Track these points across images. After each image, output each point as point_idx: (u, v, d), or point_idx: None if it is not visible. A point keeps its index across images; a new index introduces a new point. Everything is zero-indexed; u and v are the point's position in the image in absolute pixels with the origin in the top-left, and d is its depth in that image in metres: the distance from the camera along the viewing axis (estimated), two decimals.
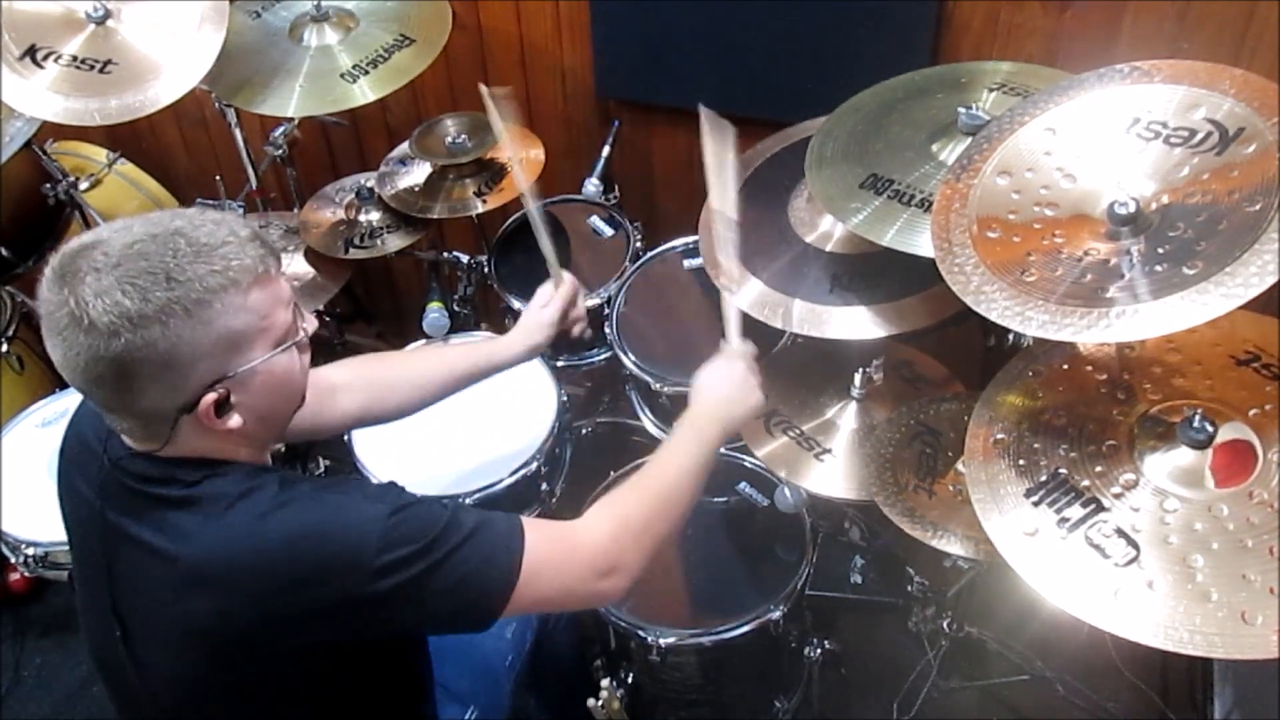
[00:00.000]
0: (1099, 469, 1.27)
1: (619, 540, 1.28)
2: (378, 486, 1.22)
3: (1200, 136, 1.28)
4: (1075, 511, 1.24)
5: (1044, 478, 1.29)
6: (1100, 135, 1.36)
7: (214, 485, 1.14)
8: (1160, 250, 1.23)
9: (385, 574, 1.11)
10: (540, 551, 1.21)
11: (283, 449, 2.21)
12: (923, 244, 1.48)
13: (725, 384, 1.49)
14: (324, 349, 2.56)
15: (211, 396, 1.10)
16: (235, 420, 1.13)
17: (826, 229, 1.76)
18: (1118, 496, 1.24)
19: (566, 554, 1.26)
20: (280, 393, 1.19)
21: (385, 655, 1.28)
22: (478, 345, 1.84)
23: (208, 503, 1.13)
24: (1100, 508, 1.23)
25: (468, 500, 1.87)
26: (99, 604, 1.22)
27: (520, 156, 2.16)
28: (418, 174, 2.31)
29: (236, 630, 1.13)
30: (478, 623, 1.20)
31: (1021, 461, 1.31)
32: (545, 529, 1.27)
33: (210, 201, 2.40)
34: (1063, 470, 1.28)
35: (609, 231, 2.27)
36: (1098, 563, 1.18)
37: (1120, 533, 1.20)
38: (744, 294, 1.72)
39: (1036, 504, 1.26)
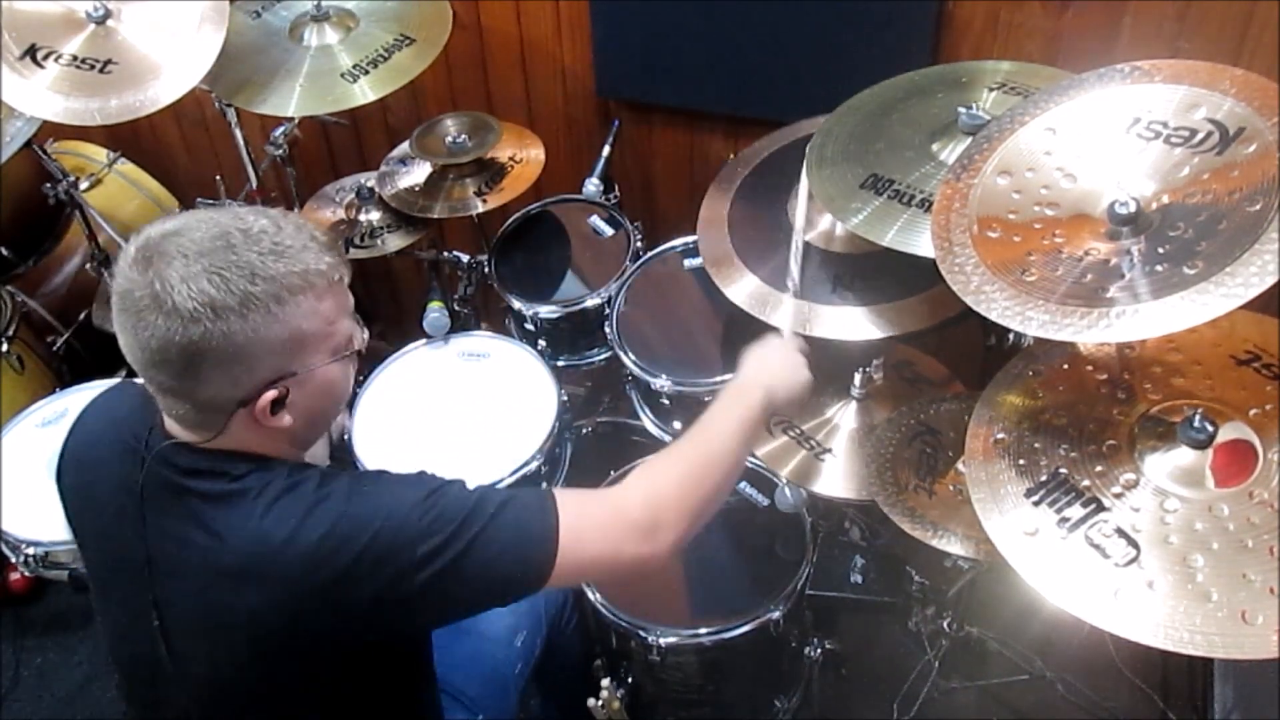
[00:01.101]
0: (1099, 469, 1.27)
1: (658, 499, 1.26)
2: (409, 475, 1.24)
3: (1200, 136, 1.28)
4: (1075, 511, 1.24)
5: (1044, 477, 1.28)
6: (1101, 135, 1.36)
7: (258, 479, 1.16)
8: (1160, 250, 1.23)
9: (425, 563, 1.13)
10: (578, 516, 1.21)
11: None
12: (923, 244, 1.48)
13: (774, 356, 1.50)
14: None
15: (271, 394, 1.13)
16: (287, 419, 1.16)
17: (826, 229, 1.75)
18: (1118, 496, 1.24)
19: (607, 516, 1.25)
20: (330, 398, 1.23)
21: (391, 662, 1.29)
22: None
23: (252, 497, 1.15)
24: (1100, 507, 1.23)
25: None
26: (136, 599, 1.23)
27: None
28: (418, 174, 2.31)
29: (279, 624, 1.15)
30: (525, 592, 1.21)
31: (1022, 461, 1.31)
32: (581, 495, 1.26)
33: (210, 201, 2.40)
34: (1063, 470, 1.28)
35: (609, 231, 2.27)
36: (1098, 562, 1.18)
37: (1120, 532, 1.20)
38: (741, 291, 1.72)
39: (1037, 504, 1.26)
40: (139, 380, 1.24)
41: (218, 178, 2.46)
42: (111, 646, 1.35)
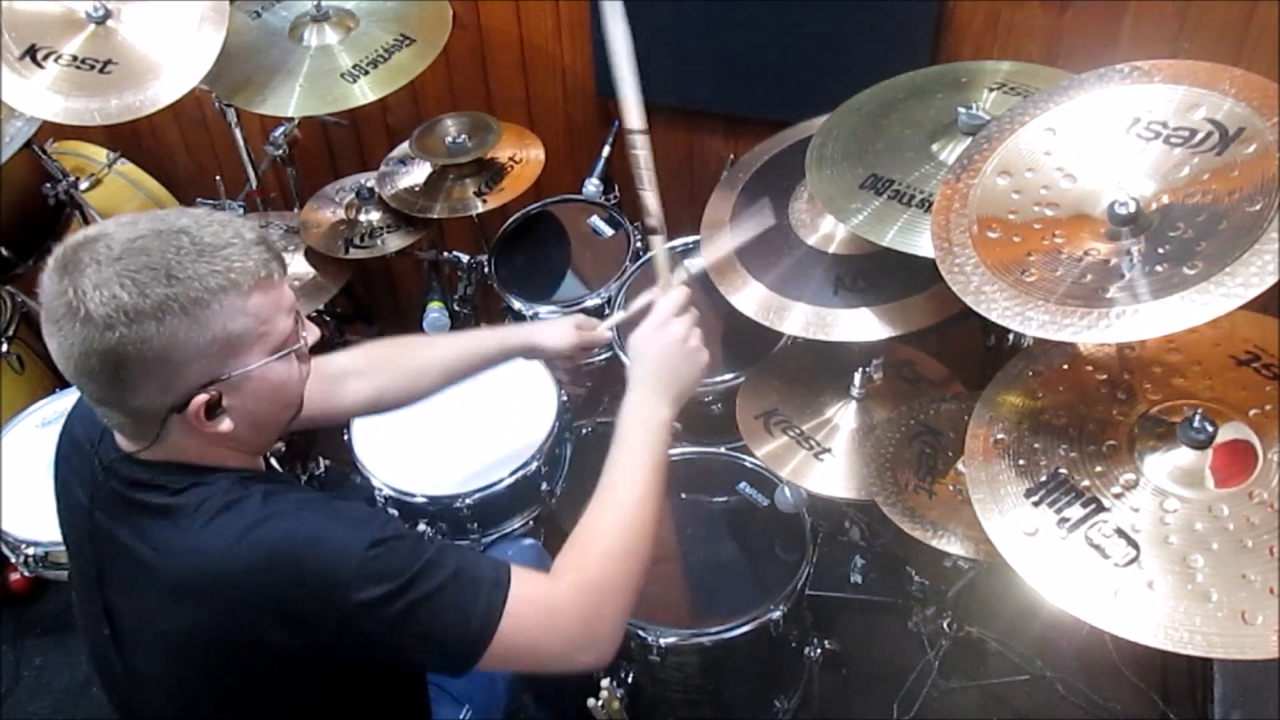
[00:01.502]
0: (1099, 469, 1.27)
1: (599, 610, 1.19)
2: (363, 512, 1.18)
3: (1200, 136, 1.28)
4: (1075, 511, 1.24)
5: (1044, 478, 1.29)
6: (1100, 135, 1.36)
7: (198, 494, 1.13)
8: (1160, 250, 1.23)
9: (358, 610, 1.08)
10: (520, 614, 1.14)
11: (283, 447, 2.21)
12: (923, 244, 1.48)
13: (666, 352, 1.39)
14: (324, 349, 2.56)
15: (202, 398, 1.08)
16: (226, 424, 1.12)
17: (828, 230, 1.75)
18: (1118, 496, 1.24)
19: (545, 622, 1.17)
20: (275, 400, 1.17)
21: (370, 670, 1.27)
22: (492, 330, 1.78)
23: (190, 514, 1.12)
24: (1100, 508, 1.23)
25: (468, 500, 1.87)
26: (92, 604, 1.22)
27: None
28: (418, 174, 2.31)
29: (217, 642, 1.12)
30: (450, 671, 1.17)
31: (1022, 461, 1.31)
32: (528, 586, 1.17)
33: (210, 201, 2.40)
34: (1063, 470, 1.28)
35: (609, 231, 2.27)
36: (1098, 563, 1.18)
37: (1120, 533, 1.20)
38: (746, 296, 1.72)
39: (1037, 504, 1.26)
40: None
41: (218, 178, 2.46)
42: (86, 649, 1.33)
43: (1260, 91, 1.26)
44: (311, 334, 1.21)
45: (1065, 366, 1.40)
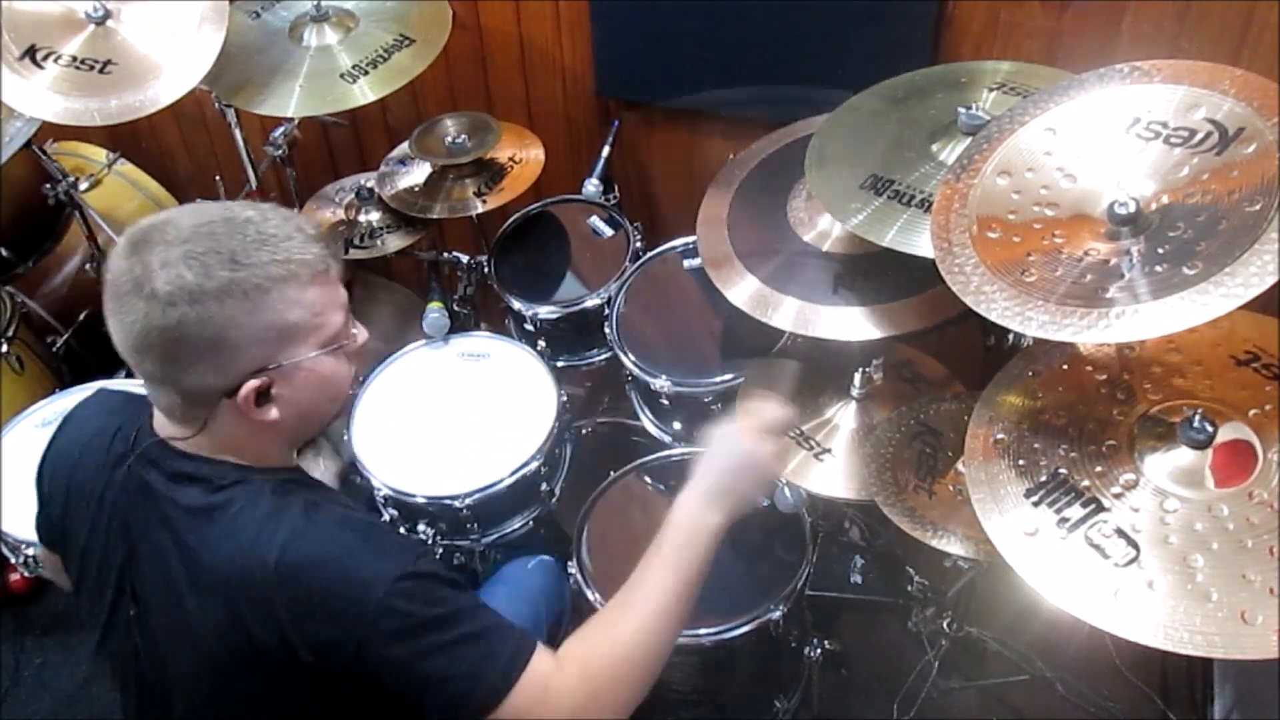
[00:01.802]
0: (1099, 469, 1.27)
1: (592, 705, 1.15)
2: (402, 543, 1.20)
3: (1200, 136, 1.28)
4: (1075, 511, 1.24)
5: (1044, 478, 1.29)
6: (1100, 135, 1.36)
7: (240, 495, 1.16)
8: (1160, 250, 1.23)
9: (375, 639, 1.09)
10: (520, 690, 1.12)
11: None
12: (922, 244, 1.48)
13: (740, 466, 1.28)
14: None
15: (254, 383, 1.12)
16: (273, 413, 1.15)
17: (825, 229, 1.75)
18: (1118, 496, 1.24)
19: (539, 705, 1.13)
20: (321, 393, 1.21)
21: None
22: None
23: (232, 516, 1.15)
24: (1100, 508, 1.23)
25: (468, 500, 1.87)
26: (115, 592, 1.24)
27: None
28: (418, 174, 2.31)
29: (243, 640, 1.14)
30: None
31: (1021, 461, 1.31)
32: (538, 664, 1.14)
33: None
34: (1063, 470, 1.28)
35: (609, 231, 2.27)
36: (1098, 563, 1.18)
37: (1120, 533, 1.20)
38: (741, 292, 1.72)
39: (1036, 504, 1.26)
40: (119, 386, 1.23)
41: (217, 178, 2.46)
42: (98, 639, 1.35)
43: (1260, 91, 1.26)
44: (361, 334, 1.25)
45: (1065, 366, 1.40)
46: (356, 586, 1.10)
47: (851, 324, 1.63)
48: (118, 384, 1.97)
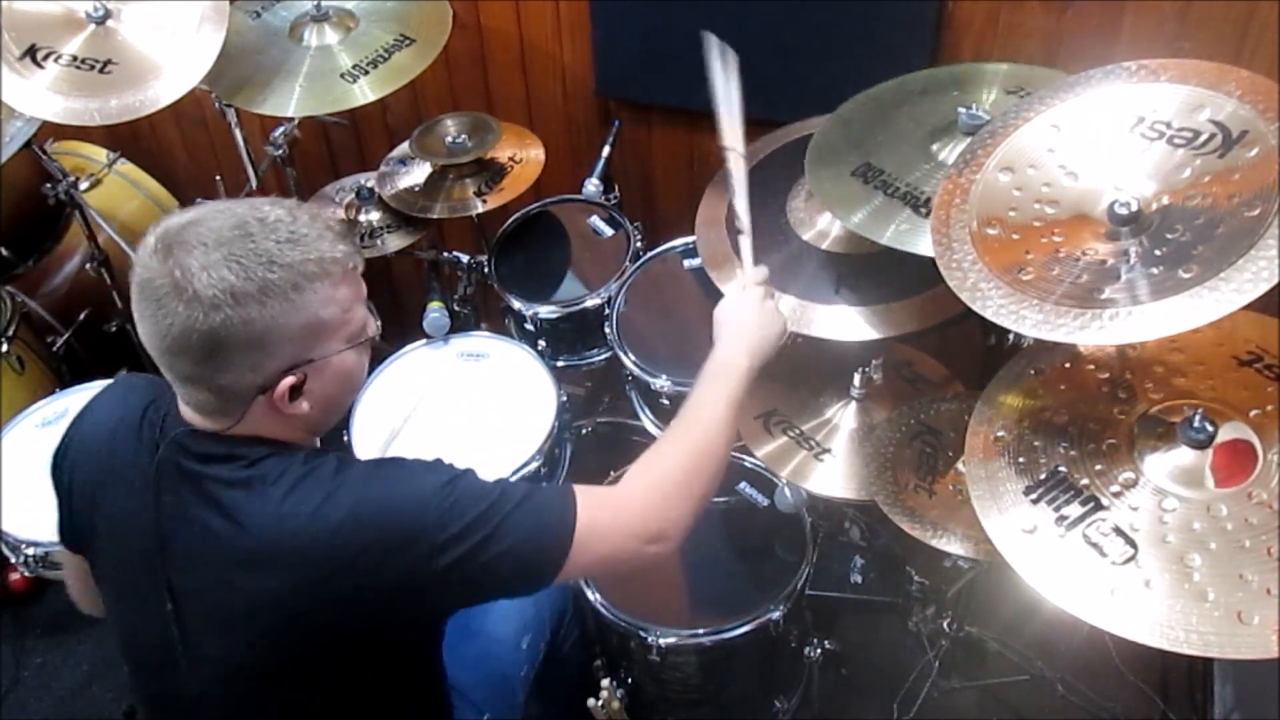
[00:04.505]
0: (1099, 468, 1.27)
1: (661, 506, 1.28)
2: (427, 462, 1.24)
3: (1204, 138, 1.28)
4: (1074, 510, 1.24)
5: (1043, 475, 1.29)
6: (1104, 133, 1.36)
7: (275, 465, 1.18)
8: (1157, 252, 1.23)
9: (447, 547, 1.14)
10: (591, 519, 1.22)
11: None
12: (922, 244, 1.48)
13: (746, 312, 1.48)
14: None
15: (290, 380, 1.16)
16: (304, 406, 1.19)
17: (825, 228, 1.75)
18: (1117, 495, 1.24)
19: (615, 520, 1.26)
20: (345, 385, 1.25)
21: (404, 654, 1.30)
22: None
23: (270, 482, 1.17)
24: (1099, 506, 1.23)
25: None
26: (146, 585, 1.24)
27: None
28: (418, 174, 2.31)
29: (300, 609, 1.16)
30: (532, 587, 1.23)
31: (1021, 459, 1.31)
32: (594, 498, 1.26)
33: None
34: (1062, 468, 1.28)
35: (609, 231, 2.28)
36: (1095, 561, 1.18)
37: (1118, 531, 1.20)
38: (746, 259, 1.71)
39: (1035, 501, 1.26)
40: (140, 376, 1.23)
41: (217, 178, 2.46)
42: (122, 638, 1.35)
43: (1265, 94, 1.26)
44: (377, 326, 1.29)
45: (1066, 365, 1.40)
46: (411, 512, 1.15)
47: (852, 324, 1.63)
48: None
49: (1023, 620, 2.05)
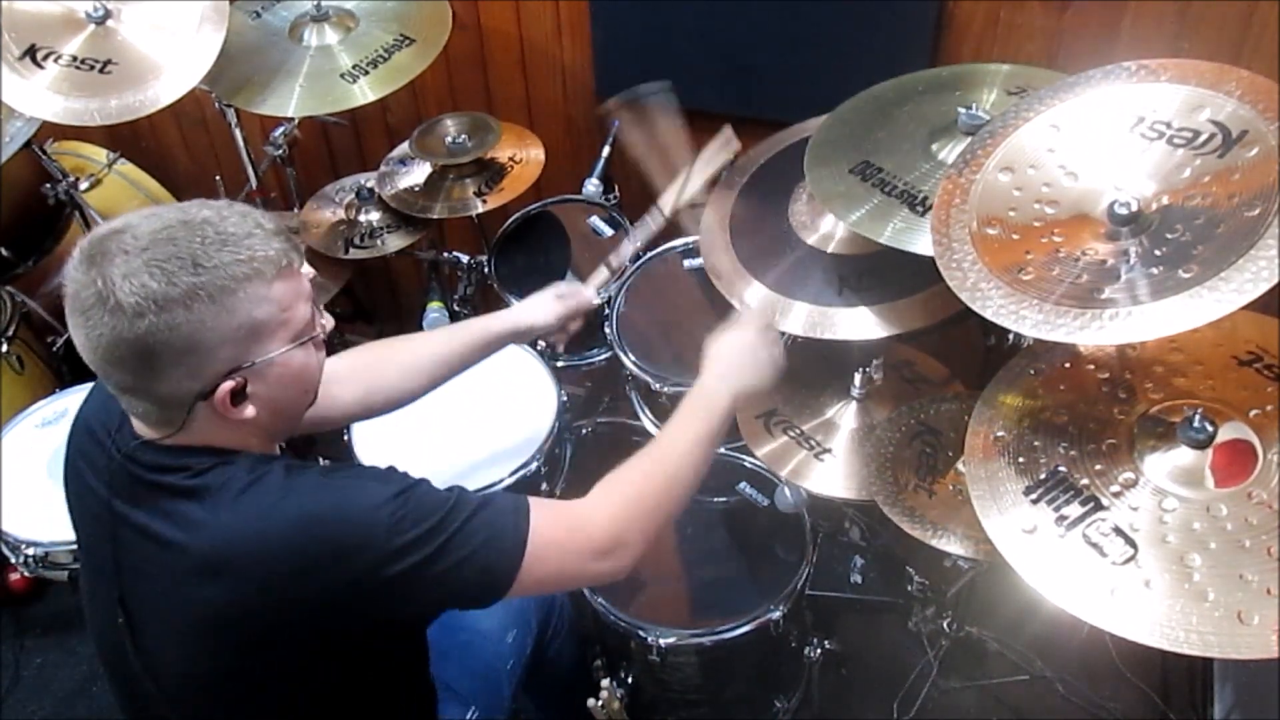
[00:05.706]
0: (1099, 467, 1.27)
1: (621, 521, 1.28)
2: (379, 470, 1.23)
3: (1204, 138, 1.28)
4: (1074, 510, 1.24)
5: (1043, 475, 1.29)
6: (1104, 133, 1.36)
7: (223, 473, 1.15)
8: (1157, 252, 1.23)
9: (396, 558, 1.12)
10: (546, 533, 1.21)
11: (282, 447, 2.21)
12: (921, 244, 1.48)
13: (739, 348, 1.48)
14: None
15: (229, 384, 1.12)
16: (250, 411, 1.15)
17: (827, 230, 1.75)
18: (1116, 495, 1.24)
19: (572, 535, 1.26)
20: (295, 386, 1.21)
21: (389, 651, 1.29)
22: (477, 319, 1.77)
23: (217, 491, 1.14)
24: (1099, 506, 1.23)
25: None
26: (105, 596, 1.23)
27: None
28: (418, 174, 2.31)
29: (249, 618, 1.14)
30: (482, 601, 1.21)
31: (1021, 459, 1.31)
32: (549, 509, 1.26)
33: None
34: (1062, 468, 1.28)
35: (609, 231, 2.27)
36: (1095, 561, 1.18)
37: (1118, 531, 1.20)
38: (749, 297, 1.72)
39: (1035, 501, 1.26)
40: None
41: (217, 178, 2.46)
42: (95, 644, 1.34)
43: (1265, 94, 1.26)
44: (328, 322, 1.25)
45: (1066, 365, 1.40)
46: (359, 522, 1.13)
47: (852, 324, 1.63)
48: None
49: (1023, 620, 2.05)
